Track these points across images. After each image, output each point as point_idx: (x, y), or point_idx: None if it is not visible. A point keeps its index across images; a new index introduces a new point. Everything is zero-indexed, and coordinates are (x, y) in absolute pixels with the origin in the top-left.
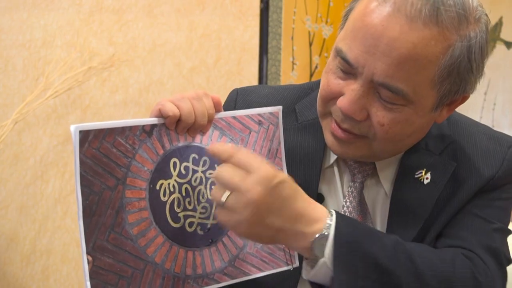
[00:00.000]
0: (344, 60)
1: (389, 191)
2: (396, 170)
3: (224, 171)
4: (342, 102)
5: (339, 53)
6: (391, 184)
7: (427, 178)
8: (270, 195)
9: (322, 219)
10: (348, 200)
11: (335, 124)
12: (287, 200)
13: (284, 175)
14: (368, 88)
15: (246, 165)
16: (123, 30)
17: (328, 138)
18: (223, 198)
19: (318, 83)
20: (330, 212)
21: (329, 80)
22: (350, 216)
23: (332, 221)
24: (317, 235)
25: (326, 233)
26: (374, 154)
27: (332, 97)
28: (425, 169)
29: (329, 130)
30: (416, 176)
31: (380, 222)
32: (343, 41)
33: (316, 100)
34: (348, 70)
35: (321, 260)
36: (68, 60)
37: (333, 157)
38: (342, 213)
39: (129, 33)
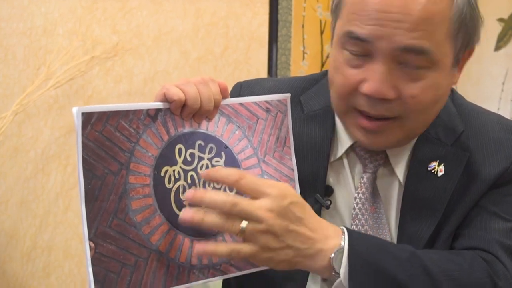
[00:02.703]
0: (358, 39)
1: (403, 180)
2: (408, 161)
3: (234, 201)
4: (369, 86)
5: (350, 37)
6: (405, 173)
7: (440, 171)
8: (284, 217)
9: (337, 235)
10: (360, 192)
11: (363, 117)
12: (301, 220)
13: (293, 192)
14: (391, 62)
15: (254, 191)
16: (127, 18)
17: (358, 134)
18: (241, 229)
19: (323, 74)
20: (342, 229)
21: (343, 73)
22: (363, 207)
23: (345, 238)
24: (336, 250)
25: (343, 246)
26: (406, 135)
27: (352, 90)
28: (438, 161)
29: (357, 126)
30: (429, 169)
31: (394, 213)
32: (349, 25)
33: (321, 90)
34: (364, 51)
35: (337, 281)
36: (70, 49)
37: (341, 149)
38: (355, 205)
39: (133, 21)
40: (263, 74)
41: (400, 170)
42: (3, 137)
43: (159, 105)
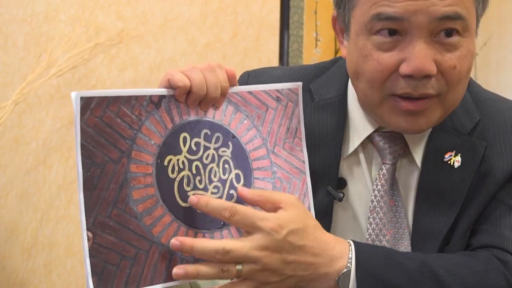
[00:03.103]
0: (390, 19)
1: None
2: (424, 152)
3: (225, 249)
4: (411, 65)
5: (379, 19)
6: (421, 164)
7: (457, 162)
8: (281, 251)
9: (344, 256)
10: (379, 184)
11: (404, 100)
12: (302, 247)
13: (292, 218)
14: (427, 36)
15: (247, 226)
16: (132, 4)
17: (398, 120)
18: (237, 272)
19: (333, 61)
20: (349, 243)
21: (376, 59)
22: (382, 200)
23: (352, 254)
24: (342, 273)
25: (350, 269)
26: (445, 112)
27: (389, 75)
28: (454, 152)
29: (397, 112)
30: (445, 160)
31: (412, 207)
32: (375, 7)
33: (332, 78)
34: (397, 29)
35: None
36: (73, 36)
37: (357, 140)
38: (373, 197)
39: (138, 7)
40: (275, 62)
41: (420, 160)
42: (3, 127)
43: (163, 91)
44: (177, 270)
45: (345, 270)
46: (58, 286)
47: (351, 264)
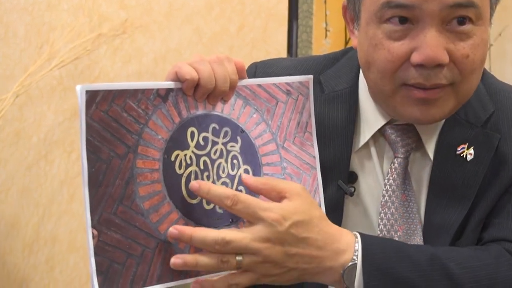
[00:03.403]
0: (401, 7)
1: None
2: (436, 145)
3: (225, 240)
4: (422, 54)
5: (390, 7)
6: (434, 157)
7: (470, 154)
8: (283, 243)
9: (349, 248)
10: (391, 178)
11: (417, 89)
12: (306, 240)
13: (296, 209)
14: (439, 24)
15: (249, 216)
16: None
17: (411, 111)
18: (237, 263)
19: (344, 52)
20: (355, 235)
21: (387, 48)
22: (394, 195)
23: (358, 246)
24: (347, 266)
25: (356, 262)
26: (458, 102)
27: (400, 64)
28: (467, 144)
29: (410, 101)
30: (457, 152)
31: (425, 202)
32: None
33: (343, 69)
34: (408, 17)
35: None
36: (76, 25)
37: (368, 133)
38: (384, 191)
39: None
40: (283, 53)
41: (432, 153)
42: (3, 121)
43: (170, 84)
44: (175, 259)
45: (350, 263)
46: (60, 282)
47: (357, 257)
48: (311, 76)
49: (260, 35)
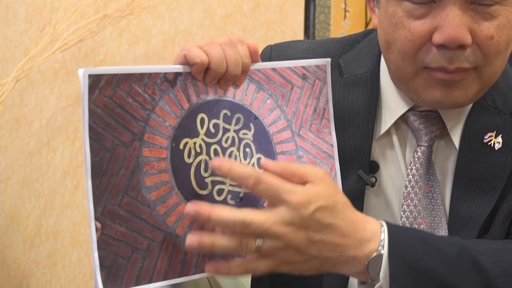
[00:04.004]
0: None
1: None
2: (462, 133)
3: (245, 221)
4: (444, 34)
5: None
6: (459, 146)
7: (498, 143)
8: (307, 228)
9: (375, 237)
10: (414, 168)
11: (439, 71)
12: (330, 226)
13: (321, 193)
14: (462, 3)
15: (272, 197)
16: None
17: (433, 94)
18: (257, 247)
19: (364, 34)
20: (381, 224)
21: (408, 27)
22: (417, 185)
23: (385, 236)
24: (372, 256)
25: (382, 252)
26: (482, 87)
27: (421, 44)
28: (495, 132)
29: (431, 84)
30: (485, 140)
31: (449, 192)
32: None
33: (363, 52)
34: None
35: (377, 286)
36: (79, 6)
37: (390, 120)
38: (407, 182)
39: None
40: (300, 35)
41: (458, 141)
42: (3, 106)
43: (178, 68)
44: (191, 237)
45: (376, 253)
46: (63, 278)
47: (383, 247)
48: (328, 60)
49: (275, 15)
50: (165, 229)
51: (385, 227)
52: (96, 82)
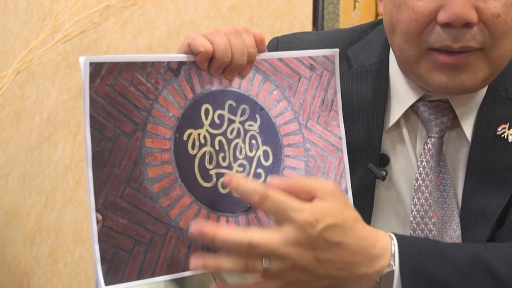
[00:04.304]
0: None
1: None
2: (474, 125)
3: (251, 242)
4: (449, 11)
5: None
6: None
7: (511, 135)
8: (314, 248)
9: (385, 253)
10: (424, 160)
11: (443, 53)
12: (339, 244)
13: (330, 210)
14: None
15: (278, 215)
16: None
17: (438, 77)
18: (264, 269)
19: (373, 24)
20: (391, 237)
21: (411, 7)
22: (427, 178)
23: (395, 250)
24: (384, 273)
25: (393, 268)
26: (492, 71)
27: (426, 24)
28: (508, 124)
29: (436, 67)
30: (498, 132)
31: (462, 186)
32: None
33: (372, 43)
34: None
35: None
36: None
37: (399, 110)
38: (417, 175)
39: None
40: (308, 26)
41: (470, 133)
42: (2, 100)
43: (182, 57)
44: (194, 260)
45: (387, 270)
46: (64, 276)
47: (394, 263)
48: (337, 50)
49: (283, 6)
50: (168, 222)
51: (395, 241)
52: (97, 70)
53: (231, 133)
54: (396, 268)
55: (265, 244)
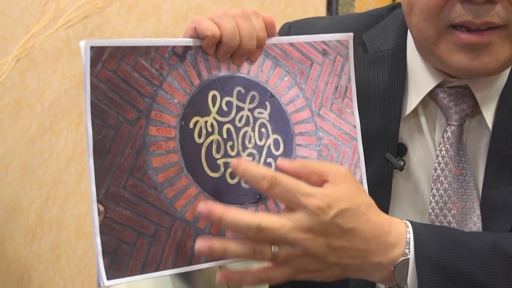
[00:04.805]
0: None
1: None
2: (495, 111)
3: (260, 226)
4: None
5: None
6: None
7: None
8: (326, 235)
9: (400, 241)
10: (444, 149)
11: (464, 32)
12: (352, 231)
13: (343, 195)
14: None
15: (289, 201)
16: None
17: (458, 58)
18: (272, 255)
19: (389, 8)
20: (406, 224)
21: None
22: (446, 168)
23: (410, 238)
24: (398, 261)
25: (408, 257)
26: None
27: (445, 1)
28: None
29: (456, 47)
30: None
31: (483, 176)
32: None
33: (389, 28)
34: None
35: None
36: None
37: (417, 97)
38: (436, 164)
39: None
40: (322, 11)
41: (491, 120)
42: (2, 88)
43: (188, 41)
44: (200, 243)
45: (402, 258)
46: (67, 273)
47: (409, 251)
48: (351, 34)
49: None
50: (174, 214)
51: (410, 228)
52: (98, 54)
53: (240, 121)
54: (411, 256)
55: (274, 228)
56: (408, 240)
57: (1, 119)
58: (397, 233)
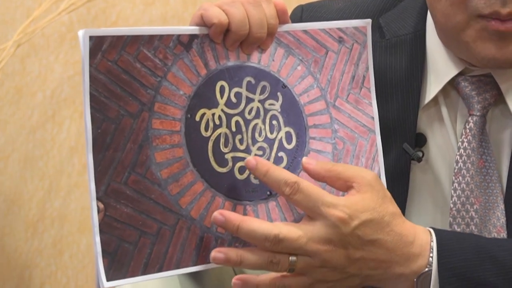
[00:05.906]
0: None
1: None
2: None
3: (277, 237)
4: None
5: None
6: None
7: None
8: (347, 246)
9: (424, 252)
10: (466, 140)
11: (494, 19)
12: (373, 243)
13: (364, 207)
14: None
15: (309, 210)
16: None
17: (486, 47)
18: (290, 266)
19: None
20: (430, 233)
21: None
22: (469, 160)
23: (434, 248)
24: (421, 273)
25: (431, 268)
26: None
27: None
28: None
29: (484, 36)
30: None
31: (507, 168)
32: None
33: (407, 11)
34: None
35: None
36: None
37: (437, 86)
38: (458, 157)
39: None
40: None
41: None
42: (2, 75)
43: (194, 29)
44: (216, 253)
45: (425, 269)
46: (70, 269)
47: (432, 263)
48: (369, 21)
49: None
50: (178, 211)
51: (433, 237)
52: (98, 44)
53: (250, 113)
54: (433, 268)
55: (293, 239)
56: (431, 249)
57: (1, 107)
58: (421, 243)
